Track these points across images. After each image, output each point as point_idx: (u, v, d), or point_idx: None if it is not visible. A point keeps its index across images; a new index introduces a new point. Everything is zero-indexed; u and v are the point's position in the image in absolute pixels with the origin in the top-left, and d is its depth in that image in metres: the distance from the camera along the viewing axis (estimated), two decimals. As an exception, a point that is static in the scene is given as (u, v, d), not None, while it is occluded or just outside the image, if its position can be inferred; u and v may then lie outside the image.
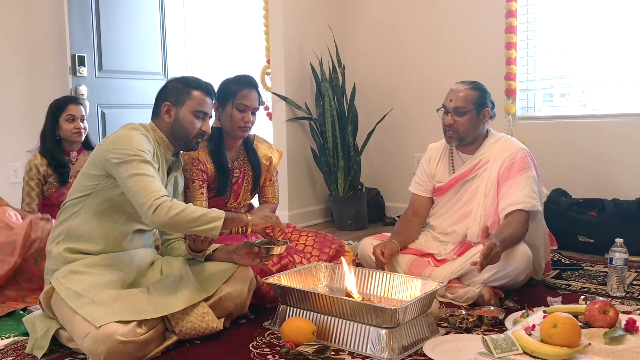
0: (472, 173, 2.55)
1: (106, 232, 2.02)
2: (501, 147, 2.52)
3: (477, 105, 2.49)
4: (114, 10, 4.33)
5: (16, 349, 2.00)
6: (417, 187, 2.72)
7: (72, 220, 2.01)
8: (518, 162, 2.46)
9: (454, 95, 2.50)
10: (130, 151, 1.92)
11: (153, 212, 1.85)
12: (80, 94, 4.09)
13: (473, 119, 2.49)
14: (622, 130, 3.47)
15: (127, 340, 1.76)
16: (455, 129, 2.50)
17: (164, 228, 1.95)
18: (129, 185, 1.90)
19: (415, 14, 4.27)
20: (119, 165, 1.91)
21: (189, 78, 2.18)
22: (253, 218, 2.02)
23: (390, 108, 4.34)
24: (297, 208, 4.30)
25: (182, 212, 1.87)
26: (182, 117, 2.11)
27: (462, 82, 2.55)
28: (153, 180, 1.91)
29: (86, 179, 2.02)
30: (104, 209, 2.01)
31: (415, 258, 2.52)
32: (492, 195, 2.48)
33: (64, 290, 1.87)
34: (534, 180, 2.45)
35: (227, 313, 2.11)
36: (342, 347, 1.92)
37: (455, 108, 2.48)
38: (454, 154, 2.63)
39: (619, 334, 1.56)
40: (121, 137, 1.98)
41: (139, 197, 1.88)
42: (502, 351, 1.51)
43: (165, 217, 1.85)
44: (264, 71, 4.51)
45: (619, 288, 2.44)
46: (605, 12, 3.54)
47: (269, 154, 2.69)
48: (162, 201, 1.86)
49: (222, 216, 1.91)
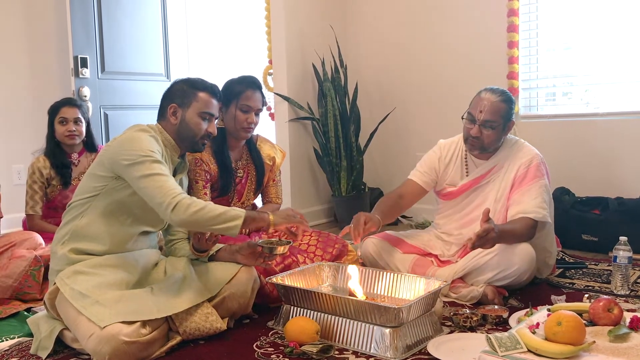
0: (486, 179, 2.51)
1: (112, 233, 2.02)
2: (516, 153, 2.48)
3: (505, 118, 2.42)
4: (116, 12, 4.34)
5: (21, 350, 2.00)
6: (419, 177, 2.62)
7: (79, 220, 2.01)
8: (533, 169, 2.42)
9: (484, 107, 2.38)
10: (141, 152, 1.93)
11: (172, 210, 1.85)
12: (82, 96, 4.10)
13: (499, 132, 2.42)
14: (625, 128, 3.47)
15: (131, 340, 1.76)
16: (481, 140, 2.41)
17: (183, 226, 1.95)
18: (143, 185, 1.90)
19: (417, 13, 4.27)
20: (130, 166, 1.92)
21: (195, 79, 2.18)
22: (275, 218, 2.01)
23: (392, 107, 4.34)
24: (300, 208, 4.29)
25: (202, 209, 1.87)
26: (188, 118, 2.11)
27: (492, 92, 2.42)
28: (168, 179, 1.92)
29: (94, 180, 2.02)
30: (111, 210, 2.01)
31: (419, 257, 2.52)
32: (502, 201, 2.46)
33: (68, 291, 1.88)
34: (545, 189, 2.41)
35: (230, 313, 2.11)
36: (346, 346, 1.92)
37: (486, 121, 2.38)
38: (467, 157, 2.57)
39: (623, 332, 1.56)
40: (131, 139, 1.98)
41: (155, 196, 1.88)
42: (506, 349, 1.51)
43: (184, 215, 1.85)
44: (266, 71, 4.51)
45: (623, 286, 2.44)
46: (608, 10, 3.53)
47: (272, 154, 2.69)
48: (181, 198, 1.87)
49: (243, 215, 1.91)
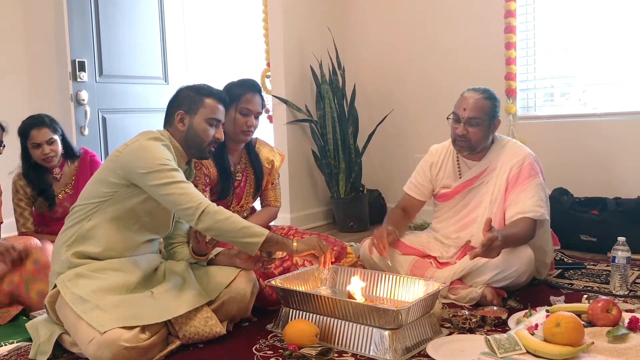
0: (479, 180, 2.52)
1: (118, 239, 2.02)
2: (508, 153, 2.49)
3: (490, 115, 2.44)
4: (114, 15, 4.34)
5: (19, 355, 2.00)
6: (413, 189, 2.67)
7: (85, 223, 2.00)
8: (526, 168, 2.43)
9: (468, 105, 2.42)
10: (158, 160, 1.94)
11: (200, 215, 1.89)
12: (80, 99, 4.10)
13: (485, 129, 2.44)
14: (623, 128, 3.47)
15: (131, 346, 1.77)
16: (468, 139, 2.43)
17: (207, 231, 1.97)
18: (165, 192, 1.91)
19: (415, 15, 4.27)
20: (147, 175, 1.92)
21: (201, 86, 2.18)
22: (299, 244, 2.04)
23: (390, 109, 4.34)
24: (299, 210, 4.30)
25: (228, 219, 1.91)
26: (196, 125, 2.11)
27: (475, 90, 2.47)
28: (190, 186, 1.95)
29: (103, 185, 2.01)
30: (119, 215, 2.01)
31: (418, 259, 2.52)
32: (498, 202, 2.46)
33: (69, 295, 1.88)
34: (541, 187, 2.42)
35: (230, 317, 2.11)
36: (345, 349, 1.92)
37: (470, 118, 2.41)
38: (459, 159, 2.59)
39: (622, 333, 1.56)
40: (145, 147, 1.98)
41: (182, 202, 1.91)
42: (505, 351, 1.51)
43: (211, 221, 1.89)
44: (264, 74, 4.51)
45: (621, 286, 2.44)
46: (605, 11, 3.54)
47: (270, 157, 2.69)
48: (208, 204, 1.91)
49: (265, 234, 1.94)
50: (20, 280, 2.40)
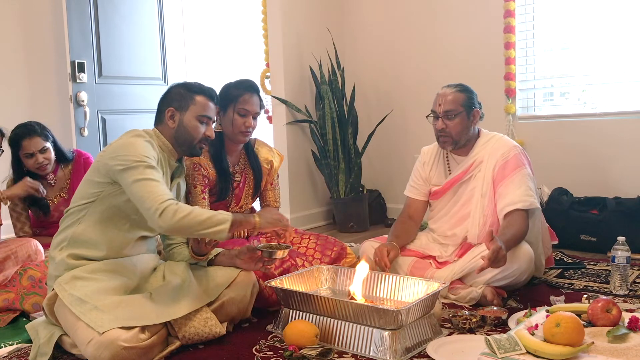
0: (468, 174, 2.55)
1: (110, 239, 2.02)
2: (493, 146, 2.52)
3: (467, 107, 2.49)
4: (113, 16, 4.34)
5: (20, 356, 2.00)
6: (413, 191, 2.72)
7: (76, 227, 2.01)
8: (512, 160, 2.46)
9: (442, 100, 2.49)
10: (135, 157, 1.93)
11: (159, 216, 1.85)
12: (80, 101, 4.10)
13: (464, 121, 2.49)
14: (623, 128, 3.47)
15: (130, 346, 1.76)
16: (448, 133, 2.49)
17: (171, 232, 1.95)
18: (134, 190, 1.90)
19: (414, 15, 4.27)
20: (124, 171, 1.92)
21: (192, 83, 2.18)
22: (260, 220, 2.01)
23: (390, 109, 4.35)
24: (299, 211, 4.30)
25: (188, 215, 1.87)
26: (186, 122, 2.12)
27: (448, 86, 2.54)
28: (158, 185, 1.91)
29: (90, 186, 2.02)
30: (108, 215, 2.01)
31: (417, 260, 2.52)
32: (489, 195, 2.48)
33: (67, 297, 1.88)
34: (529, 177, 2.44)
35: (230, 317, 2.11)
36: (346, 349, 1.92)
37: (446, 112, 2.47)
38: (448, 156, 2.63)
39: (622, 332, 1.56)
40: (125, 145, 1.98)
41: (144, 201, 1.88)
42: (505, 351, 1.51)
43: (171, 221, 1.85)
44: (263, 75, 4.51)
45: (621, 286, 2.44)
46: (604, 10, 3.54)
47: (269, 158, 2.69)
48: (168, 204, 1.86)
49: (230, 219, 1.91)
50: (15, 297, 2.40)
